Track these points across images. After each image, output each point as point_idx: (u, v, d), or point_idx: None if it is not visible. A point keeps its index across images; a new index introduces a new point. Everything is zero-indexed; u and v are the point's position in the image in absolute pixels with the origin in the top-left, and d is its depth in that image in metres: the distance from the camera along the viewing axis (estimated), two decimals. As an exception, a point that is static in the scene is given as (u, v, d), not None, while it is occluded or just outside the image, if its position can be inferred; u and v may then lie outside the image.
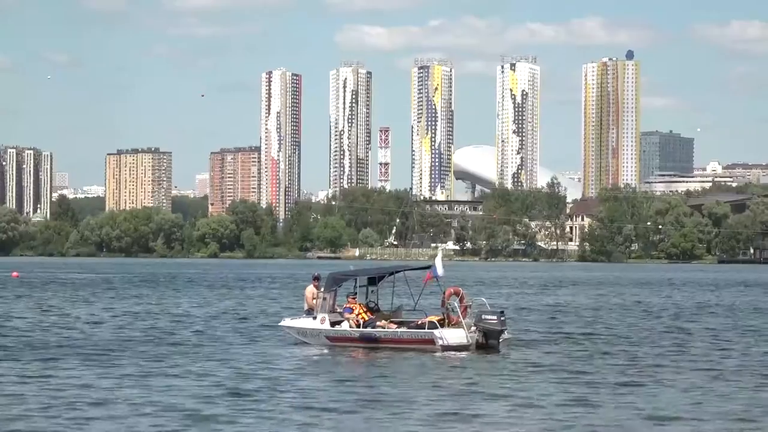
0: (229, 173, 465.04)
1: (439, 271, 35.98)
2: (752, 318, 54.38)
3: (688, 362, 32.73)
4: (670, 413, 22.59)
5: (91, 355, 33.43)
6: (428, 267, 37.03)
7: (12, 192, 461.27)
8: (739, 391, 26.03)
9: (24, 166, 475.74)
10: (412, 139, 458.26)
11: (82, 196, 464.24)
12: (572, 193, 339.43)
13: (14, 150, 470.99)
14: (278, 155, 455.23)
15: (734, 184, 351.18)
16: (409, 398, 24.52)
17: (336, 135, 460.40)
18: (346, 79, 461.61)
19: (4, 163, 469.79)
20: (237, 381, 27.33)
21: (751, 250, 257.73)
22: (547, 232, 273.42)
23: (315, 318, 36.10)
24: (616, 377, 28.76)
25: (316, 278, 37.69)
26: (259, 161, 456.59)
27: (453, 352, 33.12)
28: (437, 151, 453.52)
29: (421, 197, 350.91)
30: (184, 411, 22.49)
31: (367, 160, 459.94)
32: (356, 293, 36.71)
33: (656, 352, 35.81)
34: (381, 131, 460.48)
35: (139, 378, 27.92)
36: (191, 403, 23.56)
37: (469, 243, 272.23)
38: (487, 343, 33.82)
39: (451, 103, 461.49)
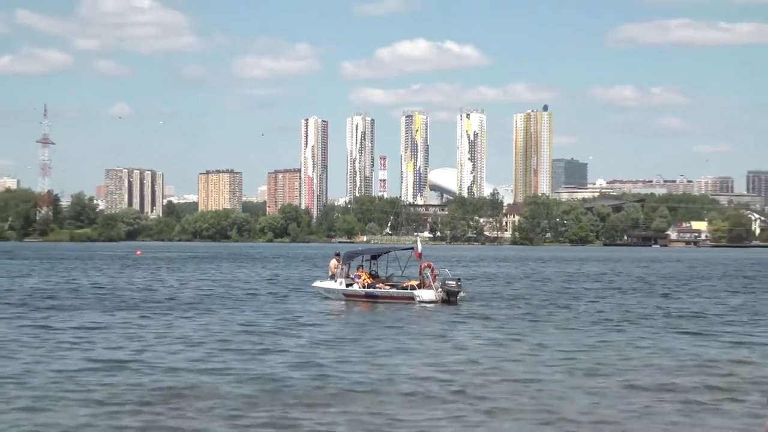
0: (280, 186, 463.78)
1: (419, 249, 36.64)
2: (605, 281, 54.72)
3: (571, 314, 33.00)
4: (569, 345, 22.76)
5: (181, 304, 33.86)
6: (411, 248, 37.33)
7: (137, 198, 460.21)
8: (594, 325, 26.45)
9: (144, 181, 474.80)
10: (401, 164, 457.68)
11: (183, 201, 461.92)
12: (507, 199, 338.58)
13: (138, 171, 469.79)
14: (312, 174, 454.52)
15: (614, 193, 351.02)
16: (393, 333, 24.83)
17: (351, 161, 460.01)
18: (357, 124, 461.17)
19: (131, 179, 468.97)
20: (282, 322, 27.56)
21: (625, 237, 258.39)
22: (490, 225, 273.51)
23: (335, 281, 36.55)
24: (530, 323, 29.04)
25: (338, 254, 38.03)
26: (300, 178, 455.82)
27: (426, 305, 33.32)
28: (418, 172, 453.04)
29: (407, 202, 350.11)
30: (241, 340, 22.60)
31: (371, 177, 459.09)
32: (363, 265, 37.12)
33: (559, 304, 36.19)
34: (381, 158, 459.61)
35: (216, 319, 28.16)
36: (248, 335, 23.70)
37: (438, 232, 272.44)
38: (449, 299, 34.06)
39: (427, 139, 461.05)
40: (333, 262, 37.83)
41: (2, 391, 15.39)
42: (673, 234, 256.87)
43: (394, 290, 34.97)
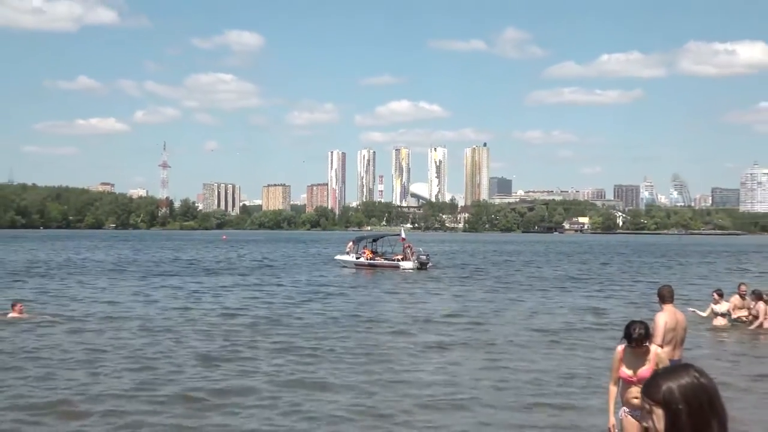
0: (315, 194, 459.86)
1: (403, 235, 37.01)
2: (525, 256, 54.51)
3: (514, 279, 33.03)
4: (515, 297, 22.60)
5: (239, 271, 34.20)
6: (398, 234, 37.90)
7: (223, 202, 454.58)
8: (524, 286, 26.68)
9: (227, 191, 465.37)
10: (393, 180, 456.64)
11: (252, 204, 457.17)
12: (460, 203, 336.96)
13: (224, 184, 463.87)
14: (336, 186, 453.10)
15: (529, 200, 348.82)
16: (384, 285, 25.04)
17: (360, 178, 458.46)
18: (364, 154, 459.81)
19: (219, 190, 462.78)
20: (313, 283, 27.79)
21: (536, 228, 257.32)
22: (449, 220, 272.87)
23: (350, 256, 36.87)
24: (481, 285, 29.18)
25: (353, 240, 38.44)
26: (327, 189, 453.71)
27: (407, 271, 33.44)
28: (403, 185, 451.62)
29: (396, 205, 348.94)
30: (282, 298, 22.57)
31: (373, 189, 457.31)
32: (367, 245, 37.47)
33: (502, 273, 36.46)
34: (379, 177, 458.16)
35: (264, 284, 28.31)
36: (287, 296, 23.46)
37: (416, 224, 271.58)
38: (422, 267, 34.19)
39: (409, 164, 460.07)
40: (350, 244, 38.22)
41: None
42: (566, 225, 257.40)
43: (386, 261, 35.32)
